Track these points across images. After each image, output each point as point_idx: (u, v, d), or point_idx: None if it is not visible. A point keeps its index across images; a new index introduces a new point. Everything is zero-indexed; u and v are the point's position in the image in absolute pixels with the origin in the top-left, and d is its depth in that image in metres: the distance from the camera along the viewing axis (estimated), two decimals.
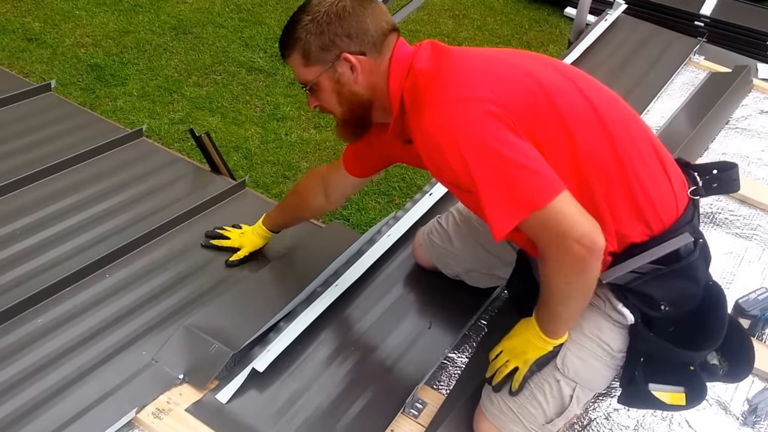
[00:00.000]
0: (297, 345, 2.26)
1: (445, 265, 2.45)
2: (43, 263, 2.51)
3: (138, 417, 2.04)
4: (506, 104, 1.66)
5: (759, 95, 3.68)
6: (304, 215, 2.58)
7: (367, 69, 1.85)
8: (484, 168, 1.63)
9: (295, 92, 4.76)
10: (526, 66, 1.81)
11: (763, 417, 2.18)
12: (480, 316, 2.43)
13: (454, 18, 5.76)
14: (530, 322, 1.90)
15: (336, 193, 2.39)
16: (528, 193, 1.63)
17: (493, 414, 1.97)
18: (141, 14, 5.43)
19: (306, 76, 1.88)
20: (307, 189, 2.44)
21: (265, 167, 4.12)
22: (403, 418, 2.10)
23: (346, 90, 1.87)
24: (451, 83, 1.73)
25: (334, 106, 1.92)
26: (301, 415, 2.09)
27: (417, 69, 1.80)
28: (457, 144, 1.63)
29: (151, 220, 2.72)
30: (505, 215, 1.64)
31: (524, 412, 1.93)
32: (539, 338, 1.88)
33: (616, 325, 1.90)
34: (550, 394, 1.92)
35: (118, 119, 4.18)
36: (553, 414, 1.93)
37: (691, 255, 1.84)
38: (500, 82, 1.72)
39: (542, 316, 1.87)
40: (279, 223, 2.57)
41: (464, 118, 1.65)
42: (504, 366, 1.93)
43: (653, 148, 1.86)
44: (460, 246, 2.38)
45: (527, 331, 1.90)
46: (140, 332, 2.29)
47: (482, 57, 1.85)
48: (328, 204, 2.42)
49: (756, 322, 2.38)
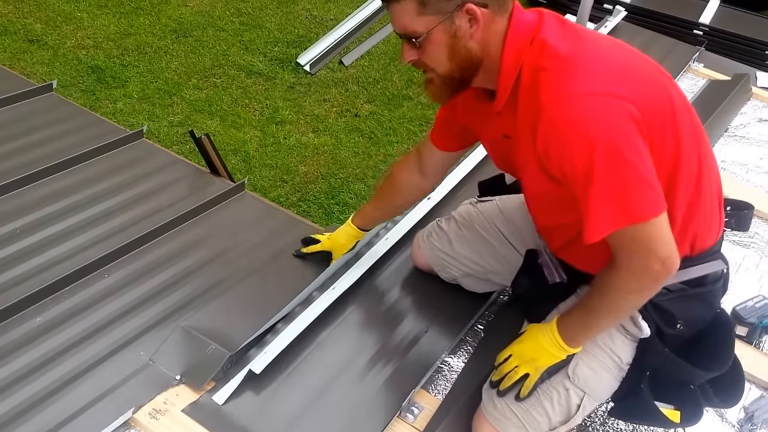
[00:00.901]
0: (294, 347, 2.26)
1: (442, 269, 2.44)
2: (43, 263, 2.51)
3: (135, 417, 2.04)
4: (644, 109, 1.59)
5: (758, 103, 3.69)
6: (402, 201, 2.44)
7: (487, 25, 1.67)
8: (608, 170, 1.56)
9: (295, 96, 4.76)
10: (656, 74, 1.74)
11: (759, 425, 2.18)
12: (476, 321, 2.43)
13: None
14: (546, 328, 1.88)
15: (431, 168, 2.28)
16: (638, 204, 1.59)
17: (496, 418, 1.95)
18: (142, 17, 5.43)
19: (416, 26, 1.68)
20: (402, 171, 2.35)
21: (264, 170, 4.12)
22: (399, 421, 2.10)
23: (460, 45, 1.69)
24: (595, 73, 1.62)
25: (441, 62, 1.73)
26: (297, 417, 2.09)
27: (549, 44, 1.65)
28: (591, 139, 1.55)
29: (150, 221, 2.73)
30: (608, 219, 1.60)
31: (529, 418, 1.91)
32: (555, 346, 1.86)
33: (628, 337, 1.90)
34: (558, 402, 1.91)
35: (117, 121, 4.18)
36: (557, 422, 1.92)
37: (718, 282, 1.88)
38: (641, 84, 1.66)
39: (571, 325, 1.85)
40: (374, 216, 2.48)
41: (606, 115, 1.56)
42: (513, 372, 1.91)
43: (717, 172, 1.86)
44: (460, 250, 2.37)
45: (541, 337, 1.89)
46: (138, 332, 2.29)
47: (617, 50, 1.73)
48: (424, 181, 2.32)
49: (753, 329, 2.39)
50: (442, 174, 2.38)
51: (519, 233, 2.29)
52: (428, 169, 2.29)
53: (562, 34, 1.68)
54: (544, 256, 2.08)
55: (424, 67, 1.78)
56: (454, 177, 3.01)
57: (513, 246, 2.29)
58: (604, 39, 1.78)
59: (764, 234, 2.90)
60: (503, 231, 2.32)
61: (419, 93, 4.90)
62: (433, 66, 1.75)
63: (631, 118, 1.57)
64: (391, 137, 4.47)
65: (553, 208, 1.83)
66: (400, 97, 4.85)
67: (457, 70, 1.74)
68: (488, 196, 2.43)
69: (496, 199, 2.40)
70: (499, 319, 2.45)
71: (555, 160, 1.64)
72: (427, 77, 1.81)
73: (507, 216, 2.33)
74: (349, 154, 4.30)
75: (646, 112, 1.59)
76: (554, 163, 1.64)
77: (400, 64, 1.68)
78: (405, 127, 4.58)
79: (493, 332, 2.39)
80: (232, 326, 2.31)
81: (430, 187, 2.41)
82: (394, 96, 4.85)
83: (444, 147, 2.20)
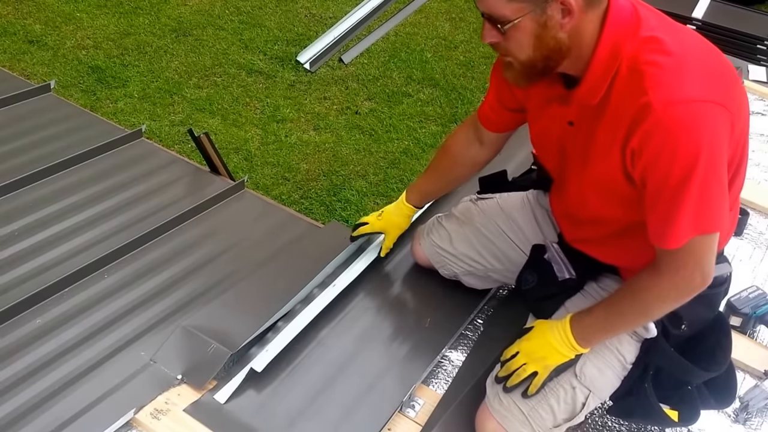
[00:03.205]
0: (295, 345, 2.26)
1: (442, 266, 2.43)
2: (42, 264, 2.51)
3: (136, 417, 2.04)
4: (736, 120, 1.58)
5: (750, 96, 3.68)
6: (459, 173, 2.38)
7: (581, 15, 1.59)
8: (705, 179, 1.54)
9: (295, 94, 4.76)
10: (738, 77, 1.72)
11: (754, 413, 2.18)
12: (476, 316, 2.43)
13: (451, 21, 5.76)
14: (556, 326, 1.88)
15: (489, 138, 2.22)
16: (714, 216, 1.60)
17: (501, 414, 1.94)
18: (141, 16, 5.43)
19: (505, 11, 1.60)
20: (459, 141, 2.29)
21: (265, 169, 4.11)
22: (400, 416, 2.11)
23: (549, 36, 1.61)
24: (703, 77, 1.58)
25: (525, 50, 1.65)
26: (299, 414, 2.09)
27: (656, 38, 1.60)
28: (698, 147, 1.52)
29: (149, 221, 2.72)
30: (689, 227, 1.59)
31: (534, 415, 1.90)
32: (567, 345, 1.85)
33: (634, 337, 1.90)
34: (564, 399, 1.90)
35: (118, 121, 4.18)
36: (562, 419, 1.92)
37: (723, 284, 1.90)
38: (735, 90, 1.64)
39: (588, 325, 1.84)
40: (429, 191, 2.43)
41: (714, 125, 1.54)
42: (522, 369, 1.89)
43: None
44: (460, 248, 2.36)
45: (551, 335, 1.87)
46: (138, 332, 2.29)
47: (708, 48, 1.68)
48: (483, 151, 2.26)
49: (747, 320, 2.40)
50: (501, 144, 2.27)
51: (521, 231, 2.28)
52: (487, 139, 2.22)
53: (661, 27, 1.64)
54: (552, 251, 2.08)
55: (504, 52, 1.72)
56: None
57: (515, 243, 2.29)
58: (693, 34, 1.72)
59: (756, 225, 2.90)
60: (504, 228, 2.31)
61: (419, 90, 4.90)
62: (515, 53, 1.68)
63: (731, 129, 1.57)
64: (392, 134, 4.47)
65: (608, 202, 1.80)
66: (399, 94, 4.84)
67: (541, 60, 1.67)
68: (489, 193, 2.42)
69: (496, 197, 2.38)
70: (499, 312, 2.46)
71: (647, 158, 1.59)
72: (507, 60, 1.74)
73: (508, 214, 2.32)
74: (350, 152, 4.30)
75: (736, 122, 1.59)
76: (644, 161, 1.60)
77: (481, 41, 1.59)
78: (405, 123, 4.57)
79: (492, 326, 2.40)
80: (232, 325, 2.30)
81: (489, 157, 2.29)
82: (393, 93, 4.85)
83: (492, 128, 2.18)
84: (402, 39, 5.47)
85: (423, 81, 5.01)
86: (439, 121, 4.63)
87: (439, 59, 5.26)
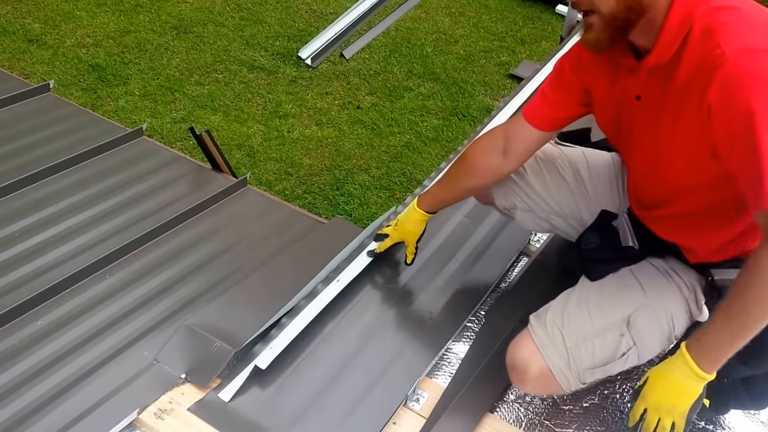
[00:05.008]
0: (299, 341, 2.25)
1: (504, 195, 2.32)
2: (43, 265, 2.50)
3: (140, 418, 2.03)
4: None
5: None
6: (476, 183, 2.26)
7: None
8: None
9: (297, 90, 4.74)
10: None
11: None
12: (479, 308, 2.43)
13: (451, 15, 5.76)
14: (674, 363, 1.72)
15: (517, 149, 2.12)
16: None
17: (543, 341, 1.92)
18: (142, 14, 5.42)
19: None
20: (480, 149, 2.21)
21: (268, 164, 4.10)
22: (405, 410, 2.11)
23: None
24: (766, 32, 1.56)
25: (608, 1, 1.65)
26: (304, 410, 2.08)
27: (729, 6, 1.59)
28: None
29: (151, 220, 2.71)
30: None
31: (576, 350, 1.89)
32: (693, 378, 1.69)
33: (687, 315, 1.91)
34: (608, 343, 1.89)
35: (120, 119, 4.17)
36: (599, 362, 1.89)
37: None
38: None
39: (712, 344, 1.67)
40: (442, 199, 2.34)
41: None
42: (660, 427, 1.74)
43: None
44: (533, 182, 2.26)
45: (673, 377, 1.71)
46: (141, 332, 2.28)
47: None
48: (505, 163, 2.16)
49: None
50: (527, 157, 2.19)
51: (599, 187, 2.23)
52: (514, 149, 2.13)
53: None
54: (621, 220, 2.07)
55: (588, 6, 1.69)
56: None
57: (589, 197, 2.23)
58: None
59: None
60: (584, 177, 2.24)
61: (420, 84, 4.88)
62: (599, 4, 1.66)
63: None
64: (393, 128, 4.46)
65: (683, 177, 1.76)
66: (401, 89, 4.83)
67: (623, 11, 1.65)
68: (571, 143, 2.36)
69: (581, 148, 2.32)
70: (501, 304, 2.45)
71: (729, 109, 1.55)
72: (588, 21, 1.72)
73: (592, 167, 2.25)
74: (352, 146, 4.29)
75: None
76: (726, 113, 1.55)
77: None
78: (406, 117, 4.56)
79: (495, 318, 2.39)
80: (236, 323, 2.29)
81: (511, 169, 2.21)
82: (395, 87, 4.84)
83: (539, 124, 2.09)
84: (402, 34, 5.46)
85: (424, 75, 5.00)
86: (440, 115, 4.61)
87: (440, 53, 5.25)
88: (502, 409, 2.14)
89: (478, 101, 4.75)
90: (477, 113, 4.62)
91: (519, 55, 5.22)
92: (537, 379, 1.92)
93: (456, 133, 4.43)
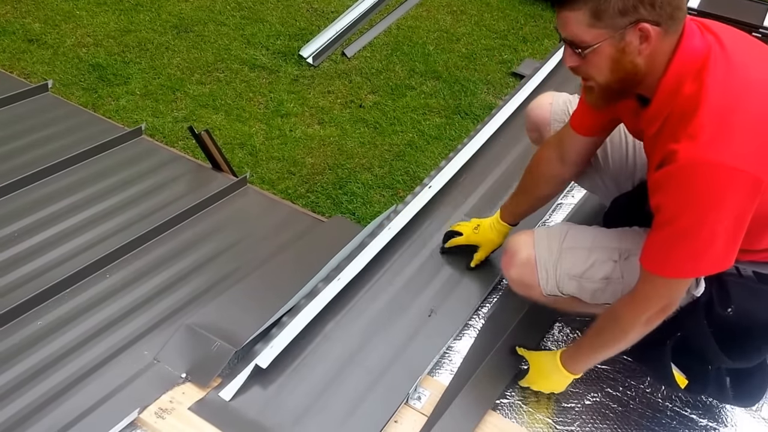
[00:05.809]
0: (300, 340, 2.25)
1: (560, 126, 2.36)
2: (43, 265, 2.50)
3: (141, 417, 2.03)
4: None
5: None
6: (545, 191, 2.39)
7: (656, 43, 1.64)
8: (684, 231, 1.63)
9: (299, 89, 4.73)
10: None
11: None
12: (479, 306, 2.42)
13: (452, 14, 5.74)
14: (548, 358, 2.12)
15: (572, 155, 2.22)
16: (680, 264, 1.70)
17: (541, 235, 2.10)
18: (142, 13, 5.41)
19: (585, 36, 1.66)
20: (540, 160, 2.31)
21: (271, 163, 4.09)
22: (406, 408, 2.11)
23: (627, 60, 1.67)
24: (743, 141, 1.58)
25: (604, 73, 1.72)
26: (305, 409, 2.08)
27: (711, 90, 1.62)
28: (695, 206, 1.60)
29: (151, 219, 2.71)
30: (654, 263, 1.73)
31: (565, 254, 2.04)
32: (561, 373, 2.06)
33: None
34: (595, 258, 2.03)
35: (121, 119, 4.17)
36: (579, 272, 2.03)
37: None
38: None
39: (577, 352, 2.03)
40: (518, 211, 2.45)
41: (721, 193, 1.58)
42: None
43: None
44: None
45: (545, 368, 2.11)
46: (141, 332, 2.28)
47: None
48: (564, 169, 2.27)
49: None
50: (585, 162, 2.28)
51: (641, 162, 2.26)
52: (569, 156, 2.23)
53: (726, 77, 1.63)
54: None
55: (584, 75, 1.78)
56: (453, 165, 3.00)
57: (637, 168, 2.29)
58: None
59: None
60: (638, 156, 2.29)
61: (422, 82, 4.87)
62: (594, 76, 1.75)
63: (753, 191, 1.58)
64: (396, 126, 4.45)
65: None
66: (403, 87, 4.82)
67: (618, 83, 1.74)
68: None
69: None
70: (502, 303, 2.45)
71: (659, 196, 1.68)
72: (587, 84, 1.81)
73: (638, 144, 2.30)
74: (354, 145, 4.28)
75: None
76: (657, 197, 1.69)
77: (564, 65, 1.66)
78: (409, 116, 4.55)
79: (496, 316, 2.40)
80: (237, 322, 2.29)
81: (571, 176, 2.33)
82: (397, 86, 4.83)
83: (585, 132, 2.16)
84: (404, 32, 5.45)
85: (426, 73, 4.98)
86: (443, 113, 4.60)
87: (442, 52, 5.24)
88: (504, 406, 2.13)
89: (481, 99, 4.74)
90: (479, 111, 4.60)
91: (521, 53, 5.21)
92: (523, 266, 2.08)
93: (459, 131, 4.41)
